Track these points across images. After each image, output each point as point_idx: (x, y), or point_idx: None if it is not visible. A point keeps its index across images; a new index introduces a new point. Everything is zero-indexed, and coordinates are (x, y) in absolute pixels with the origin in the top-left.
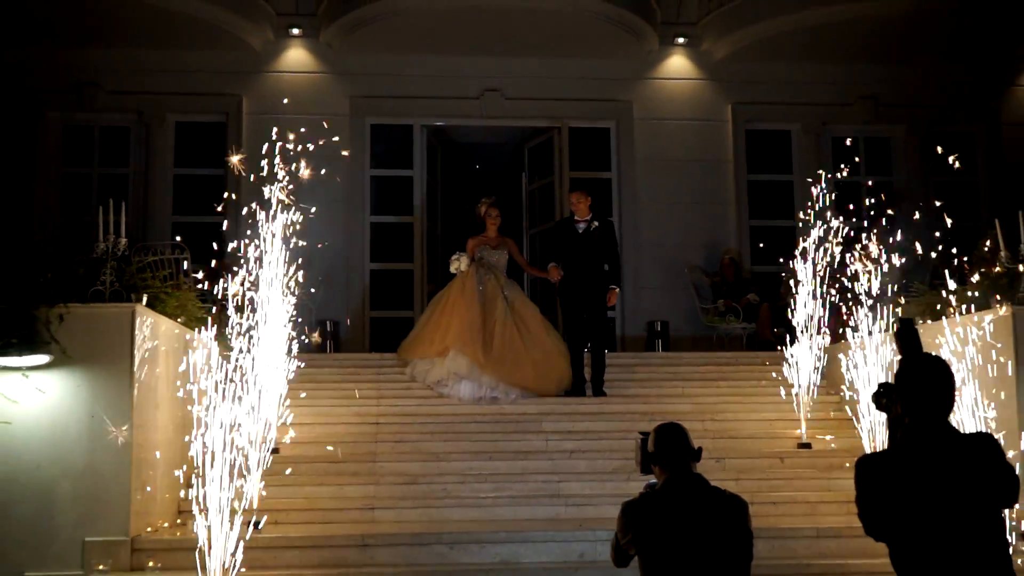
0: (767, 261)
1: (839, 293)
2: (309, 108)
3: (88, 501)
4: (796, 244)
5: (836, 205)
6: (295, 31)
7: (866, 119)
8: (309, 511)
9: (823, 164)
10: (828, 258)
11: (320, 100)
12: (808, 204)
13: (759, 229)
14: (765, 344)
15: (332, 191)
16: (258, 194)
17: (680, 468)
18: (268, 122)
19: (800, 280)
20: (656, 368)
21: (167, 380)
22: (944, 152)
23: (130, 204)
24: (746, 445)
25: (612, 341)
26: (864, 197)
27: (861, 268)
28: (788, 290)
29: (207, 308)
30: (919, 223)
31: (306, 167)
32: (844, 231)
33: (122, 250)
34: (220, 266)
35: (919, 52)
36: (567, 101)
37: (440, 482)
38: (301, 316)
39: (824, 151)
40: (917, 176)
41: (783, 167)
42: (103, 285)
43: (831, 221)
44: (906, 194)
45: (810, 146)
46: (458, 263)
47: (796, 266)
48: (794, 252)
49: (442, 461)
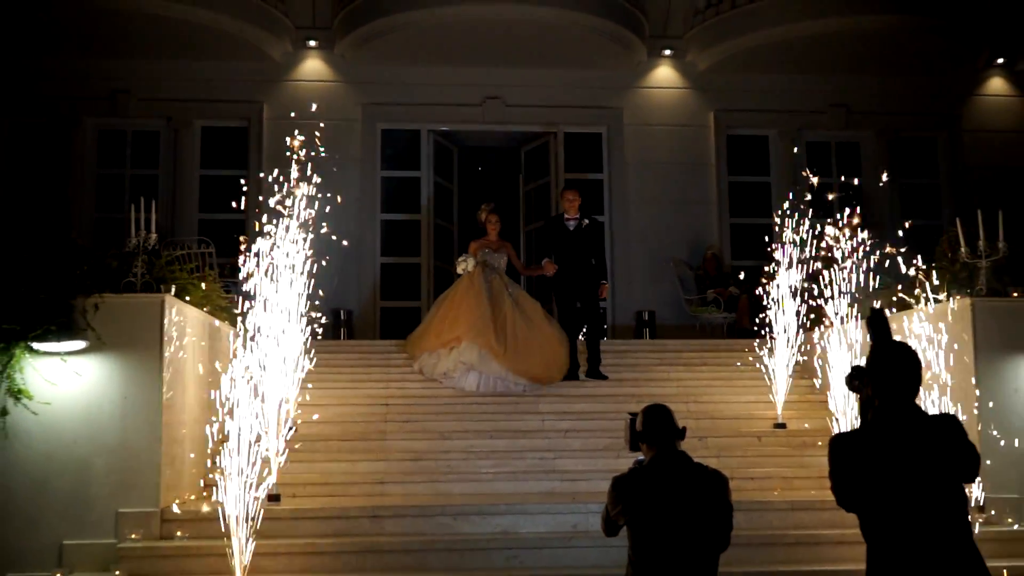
0: (746, 256)
1: (814, 282)
2: (325, 114)
3: (121, 475)
4: (774, 241)
5: (810, 205)
6: (312, 43)
7: (838, 126)
8: (324, 485)
9: (798, 167)
10: (803, 254)
11: (335, 107)
12: (787, 202)
13: (739, 227)
14: (744, 332)
15: (346, 190)
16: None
17: (666, 446)
18: (287, 127)
19: (777, 273)
20: (644, 354)
21: (194, 364)
22: (909, 156)
23: (159, 202)
24: (726, 425)
25: (604, 330)
26: (835, 198)
27: (836, 261)
28: (768, 281)
29: (230, 298)
30: (886, 221)
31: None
32: (817, 229)
33: (152, 245)
34: (242, 256)
35: (887, 65)
36: (562, 108)
37: (444, 459)
38: (315, 303)
39: (799, 155)
40: (884, 178)
41: (761, 170)
42: (135, 277)
43: (805, 221)
44: (874, 195)
45: (786, 150)
46: (465, 264)
47: (774, 261)
48: (772, 248)
49: (446, 439)
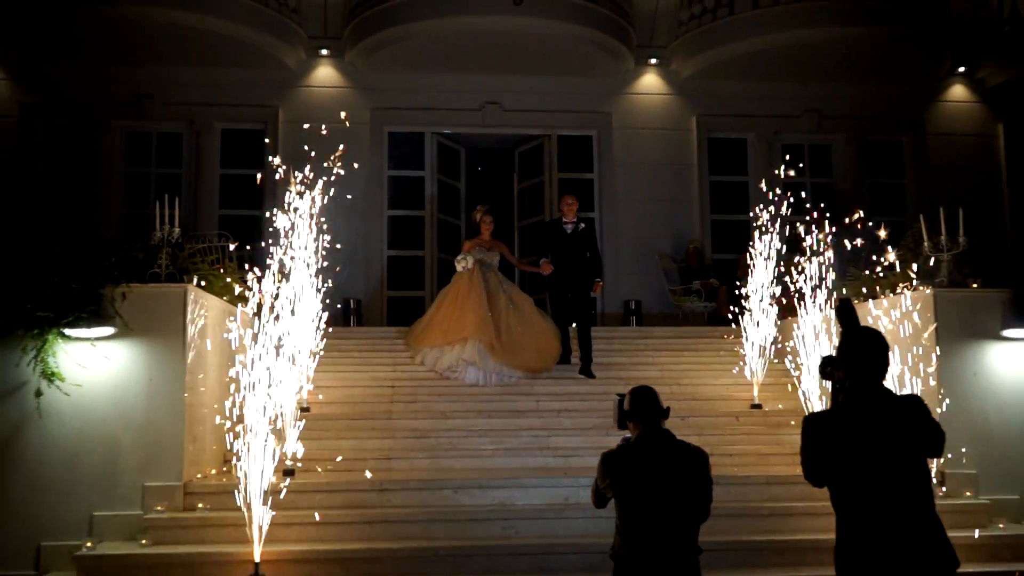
0: (725, 250)
1: (789, 274)
2: (335, 118)
3: (147, 451)
4: (751, 236)
5: (784, 203)
6: (324, 52)
7: (811, 129)
8: (335, 460)
9: (774, 168)
10: (778, 247)
11: (345, 111)
12: (763, 201)
13: (719, 223)
14: (723, 320)
15: (356, 189)
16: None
17: (651, 424)
18: (301, 130)
19: (754, 265)
20: (631, 340)
21: (214, 348)
22: (877, 158)
23: (182, 199)
24: (707, 406)
25: (594, 321)
26: (808, 196)
27: (809, 255)
28: (745, 271)
29: (247, 287)
30: (855, 218)
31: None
32: (790, 226)
33: (175, 238)
34: (259, 249)
35: (857, 73)
36: (556, 112)
37: (446, 436)
38: (327, 293)
39: (775, 156)
40: (854, 178)
41: (739, 170)
42: (159, 268)
43: (781, 217)
44: (844, 193)
45: (763, 152)
46: (464, 262)
47: (751, 253)
48: (750, 243)
49: (448, 419)
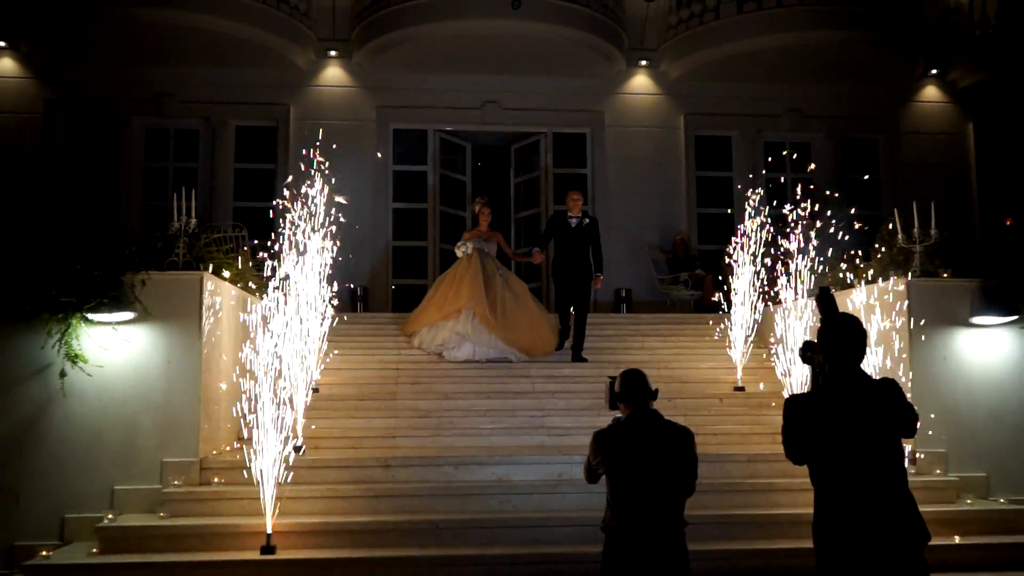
0: (711, 241)
1: (772, 263)
2: (344, 116)
3: (165, 429)
4: (735, 229)
5: (767, 197)
6: (332, 53)
7: (792, 128)
8: (342, 438)
9: (757, 164)
10: (761, 238)
11: (352, 109)
12: (746, 195)
13: (704, 216)
14: (709, 308)
15: (363, 182)
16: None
17: (641, 404)
18: (311, 127)
19: (737, 258)
20: (621, 326)
21: (228, 332)
22: (854, 155)
23: (198, 192)
24: (693, 388)
25: (589, 309)
26: (789, 191)
27: (792, 245)
28: (728, 264)
29: (260, 275)
30: (833, 212)
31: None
32: (772, 219)
33: (192, 229)
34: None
35: (835, 74)
36: (552, 111)
37: (448, 416)
38: (334, 280)
39: (757, 153)
40: (832, 174)
41: (724, 166)
42: (177, 256)
43: (763, 210)
44: (823, 189)
45: (746, 149)
46: (464, 248)
47: (736, 245)
48: (734, 235)
49: (449, 399)
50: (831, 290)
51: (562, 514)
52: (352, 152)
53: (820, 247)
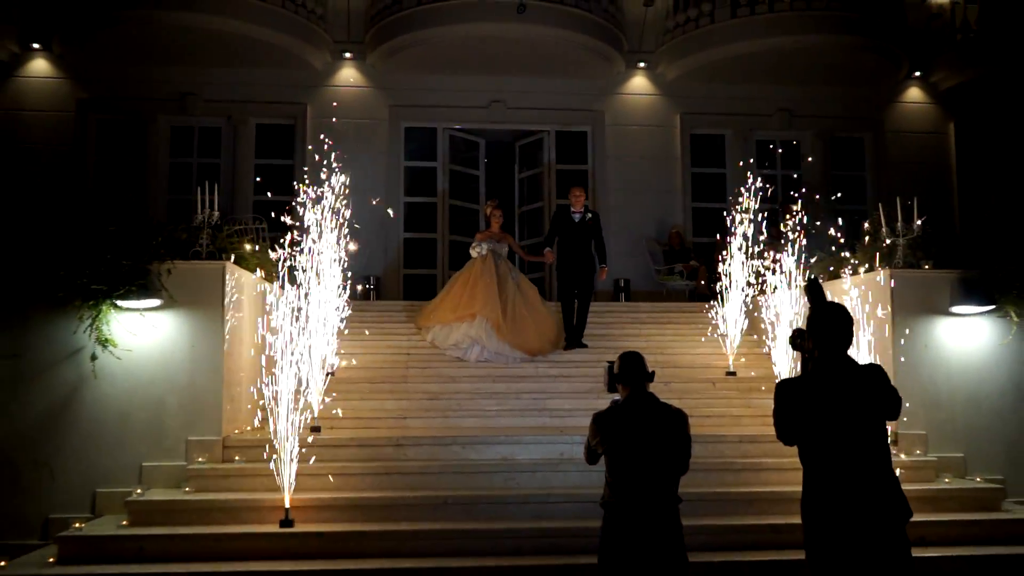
0: (705, 234)
1: (762, 255)
2: (358, 114)
3: (189, 409)
4: (729, 222)
5: (759, 192)
6: (347, 55)
7: (782, 127)
8: (356, 419)
9: (748, 161)
10: (753, 231)
11: (366, 108)
12: (739, 191)
13: (699, 210)
14: (702, 297)
15: (376, 178)
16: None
17: (638, 386)
18: (327, 125)
19: (730, 250)
20: (620, 314)
21: (249, 318)
22: (841, 153)
23: (221, 186)
24: (687, 372)
25: (591, 298)
26: (780, 187)
27: (784, 234)
28: (721, 253)
29: (278, 265)
30: (821, 206)
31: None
32: (764, 212)
33: (215, 221)
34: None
35: (824, 76)
36: (555, 110)
37: (455, 398)
38: (350, 271)
39: (750, 151)
40: (821, 171)
41: (718, 163)
42: (201, 247)
43: (755, 204)
44: (811, 184)
45: (739, 147)
46: (479, 249)
47: (728, 238)
48: (726, 228)
49: (457, 383)
50: (820, 280)
51: (563, 491)
52: (366, 149)
53: (808, 241)
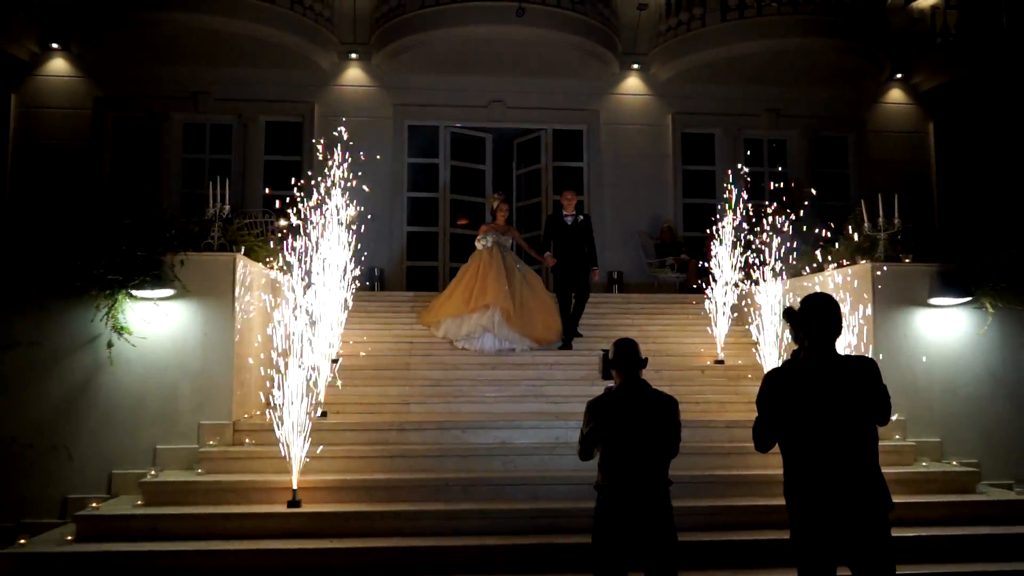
0: (695, 228)
1: (753, 244)
2: (363, 113)
3: (201, 395)
4: (717, 217)
5: (746, 189)
6: (353, 56)
7: (770, 126)
8: (361, 404)
9: (738, 159)
10: (740, 225)
11: (371, 107)
12: (727, 187)
13: (689, 205)
14: (693, 289)
15: (380, 174)
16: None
17: (631, 373)
18: (334, 123)
19: (719, 241)
20: (614, 305)
21: (259, 308)
22: (826, 151)
23: (232, 181)
24: (677, 361)
25: (588, 296)
26: (767, 184)
27: (767, 232)
28: (710, 247)
29: (285, 257)
30: (806, 202)
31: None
32: (751, 208)
33: (226, 214)
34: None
35: (809, 77)
36: (552, 110)
37: (456, 385)
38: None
39: (738, 149)
40: (806, 168)
41: (708, 160)
42: (212, 239)
43: (743, 201)
44: (797, 181)
45: (728, 145)
46: (484, 241)
47: (717, 232)
48: (715, 222)
49: (458, 370)
50: (794, 308)
51: (559, 474)
52: (371, 146)
53: (793, 234)
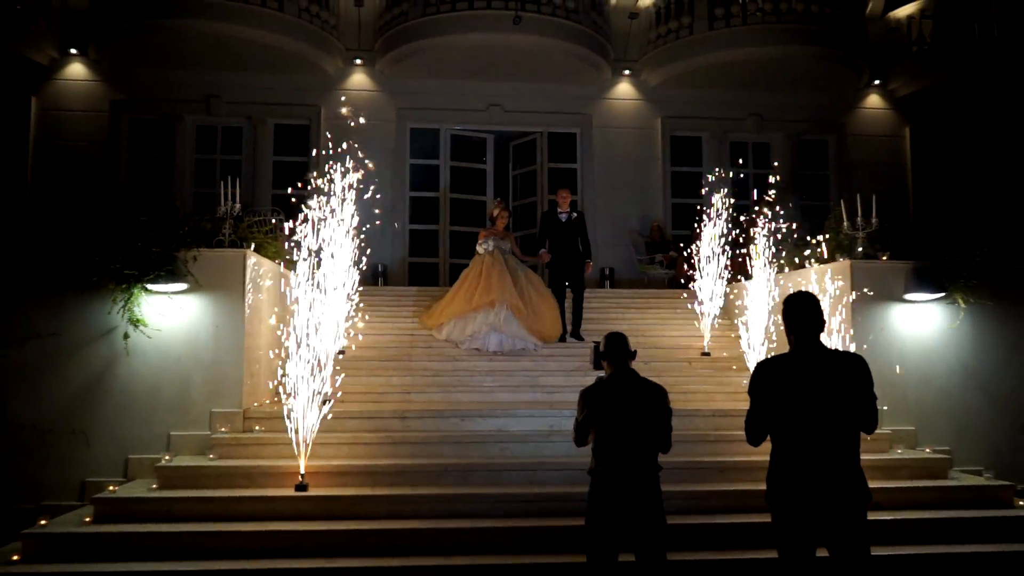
0: (682, 227)
1: (737, 242)
2: (367, 116)
3: (213, 384)
4: (703, 216)
5: (731, 190)
6: (358, 61)
7: (754, 130)
8: (365, 393)
9: (723, 161)
10: (725, 225)
11: (375, 110)
12: (713, 188)
13: (678, 205)
14: (680, 284)
15: (384, 174)
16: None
17: (621, 363)
18: (340, 125)
19: (704, 237)
20: (605, 299)
21: (268, 301)
22: (807, 154)
23: (242, 181)
24: (665, 353)
25: (584, 290)
26: (751, 185)
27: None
28: (696, 244)
29: (293, 253)
30: (789, 203)
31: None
32: (735, 208)
33: (236, 212)
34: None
35: (791, 83)
36: (547, 113)
37: (456, 375)
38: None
39: (724, 152)
40: (788, 170)
41: (695, 162)
42: (224, 236)
43: (728, 201)
44: (780, 183)
45: (715, 148)
46: (485, 246)
47: (703, 230)
48: (701, 221)
49: (457, 361)
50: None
51: (553, 460)
52: (375, 148)
53: (776, 231)
